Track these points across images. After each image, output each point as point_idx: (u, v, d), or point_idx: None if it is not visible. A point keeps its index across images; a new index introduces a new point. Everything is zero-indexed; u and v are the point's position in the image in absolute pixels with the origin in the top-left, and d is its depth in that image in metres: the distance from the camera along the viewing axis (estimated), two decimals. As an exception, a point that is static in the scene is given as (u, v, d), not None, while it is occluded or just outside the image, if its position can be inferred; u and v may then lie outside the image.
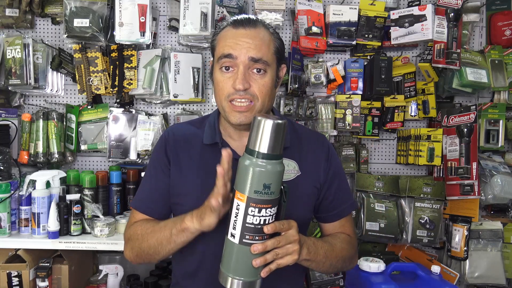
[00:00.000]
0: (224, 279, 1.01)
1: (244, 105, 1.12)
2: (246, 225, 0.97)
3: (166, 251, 1.15)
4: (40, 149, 2.01)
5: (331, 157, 1.28)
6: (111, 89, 2.06)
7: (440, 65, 2.09)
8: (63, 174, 1.91)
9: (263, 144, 0.95)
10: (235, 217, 0.98)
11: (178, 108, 2.22)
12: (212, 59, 1.22)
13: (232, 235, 0.99)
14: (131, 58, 2.05)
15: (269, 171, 0.95)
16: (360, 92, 2.17)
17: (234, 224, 0.98)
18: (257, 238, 0.98)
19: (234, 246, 0.99)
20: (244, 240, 0.98)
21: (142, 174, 1.96)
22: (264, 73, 1.13)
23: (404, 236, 2.07)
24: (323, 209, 1.28)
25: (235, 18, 1.17)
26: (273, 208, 0.98)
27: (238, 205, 0.97)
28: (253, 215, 0.96)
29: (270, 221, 0.98)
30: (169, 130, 1.30)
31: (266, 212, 0.97)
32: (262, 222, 0.97)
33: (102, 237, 1.82)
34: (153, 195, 1.25)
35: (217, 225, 1.04)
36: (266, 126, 0.95)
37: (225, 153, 0.99)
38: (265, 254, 0.99)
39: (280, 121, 0.96)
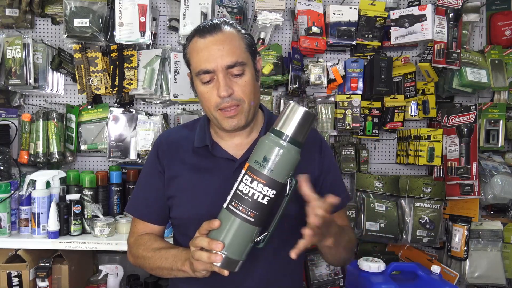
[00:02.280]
0: None
1: (233, 109, 1.15)
2: (237, 191, 0.98)
3: (166, 277, 1.20)
4: (40, 149, 2.01)
5: (324, 149, 1.29)
6: (111, 89, 2.06)
7: (440, 65, 2.09)
8: (63, 174, 1.91)
9: (285, 125, 0.98)
10: (234, 184, 1.00)
11: (178, 108, 2.22)
12: (189, 71, 1.23)
13: (225, 200, 1.01)
14: (131, 58, 2.05)
15: (272, 147, 0.97)
16: (360, 92, 2.16)
17: (230, 190, 1.01)
18: (240, 208, 0.97)
19: (222, 210, 1.00)
20: (229, 206, 0.99)
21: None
22: (242, 74, 1.14)
23: (404, 236, 2.07)
24: None
25: (199, 26, 1.18)
26: (266, 188, 0.96)
27: (240, 173, 1.00)
28: (245, 183, 0.97)
29: (261, 201, 0.96)
30: (162, 135, 1.35)
31: (257, 187, 0.96)
32: (250, 195, 0.96)
33: (102, 237, 1.82)
34: (150, 200, 1.28)
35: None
36: (298, 112, 0.98)
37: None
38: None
39: (310, 111, 0.99)
